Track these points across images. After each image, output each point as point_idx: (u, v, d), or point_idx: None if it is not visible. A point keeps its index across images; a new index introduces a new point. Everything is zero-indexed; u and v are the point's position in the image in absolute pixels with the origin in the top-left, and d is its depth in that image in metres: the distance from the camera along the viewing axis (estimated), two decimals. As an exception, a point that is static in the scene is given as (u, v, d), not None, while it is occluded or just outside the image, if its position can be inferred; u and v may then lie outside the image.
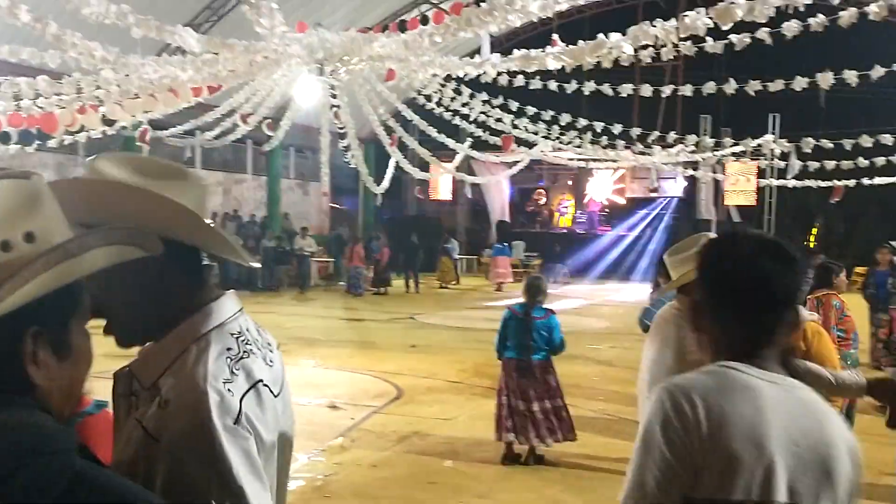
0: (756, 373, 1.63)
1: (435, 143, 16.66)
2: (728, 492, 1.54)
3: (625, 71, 8.86)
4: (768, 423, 1.57)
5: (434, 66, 8.45)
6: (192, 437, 1.33)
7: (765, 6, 4.91)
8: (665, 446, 1.57)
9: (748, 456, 1.54)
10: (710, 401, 1.58)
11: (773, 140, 15.75)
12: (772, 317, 1.68)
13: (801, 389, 1.67)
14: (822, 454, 1.58)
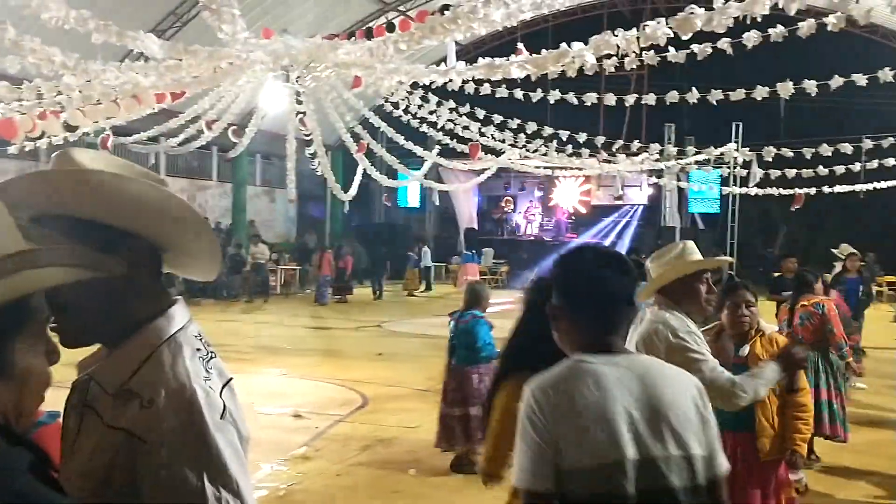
0: (601, 360, 1.99)
1: (403, 151, 16.68)
2: (585, 459, 1.88)
3: (590, 80, 8.94)
4: (612, 399, 1.92)
5: (400, 73, 8.45)
6: (186, 433, 1.36)
7: (723, 16, 4.98)
8: (532, 432, 1.93)
9: (597, 428, 1.89)
10: (561, 389, 1.95)
11: (736, 149, 15.99)
12: (613, 315, 2.07)
13: (641, 362, 2.08)
14: (659, 409, 1.94)
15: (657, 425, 1.93)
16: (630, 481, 1.88)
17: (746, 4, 4.85)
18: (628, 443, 1.89)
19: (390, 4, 21.83)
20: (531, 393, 1.99)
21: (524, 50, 7.35)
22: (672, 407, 1.96)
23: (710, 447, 2.00)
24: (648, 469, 1.89)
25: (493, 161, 17.09)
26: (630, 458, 1.88)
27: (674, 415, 1.95)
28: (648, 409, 1.94)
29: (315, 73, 10.52)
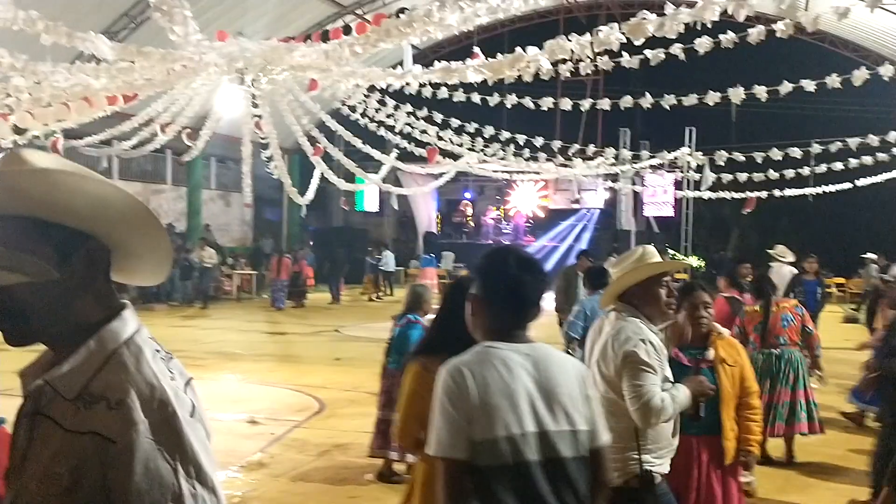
0: (508, 346, 2.33)
1: (361, 155, 16.61)
2: (494, 431, 2.20)
3: (547, 85, 9.01)
4: (517, 380, 2.26)
5: (356, 76, 8.41)
6: (161, 432, 1.36)
7: (675, 22, 5.05)
8: (449, 407, 2.23)
9: (504, 405, 2.22)
10: (475, 371, 2.26)
11: (689, 153, 16.23)
12: (523, 311, 2.40)
13: (539, 349, 2.38)
14: (552, 389, 2.29)
15: (551, 404, 2.29)
16: (531, 451, 2.23)
17: (697, 10, 4.93)
18: (529, 418, 2.25)
19: (347, 8, 21.75)
20: (448, 373, 2.29)
21: (480, 54, 7.37)
22: (562, 388, 2.32)
23: (593, 422, 2.38)
24: (545, 441, 2.26)
25: (451, 165, 17.11)
26: (530, 431, 2.24)
27: (563, 395, 2.32)
28: (544, 389, 2.30)
29: (271, 76, 10.44)
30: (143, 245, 1.53)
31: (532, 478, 2.23)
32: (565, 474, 2.28)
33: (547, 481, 2.25)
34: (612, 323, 3.44)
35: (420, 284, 7.28)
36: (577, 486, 2.29)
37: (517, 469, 2.22)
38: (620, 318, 3.40)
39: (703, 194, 17.80)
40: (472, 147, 14.75)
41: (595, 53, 6.26)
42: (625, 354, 3.24)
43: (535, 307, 2.42)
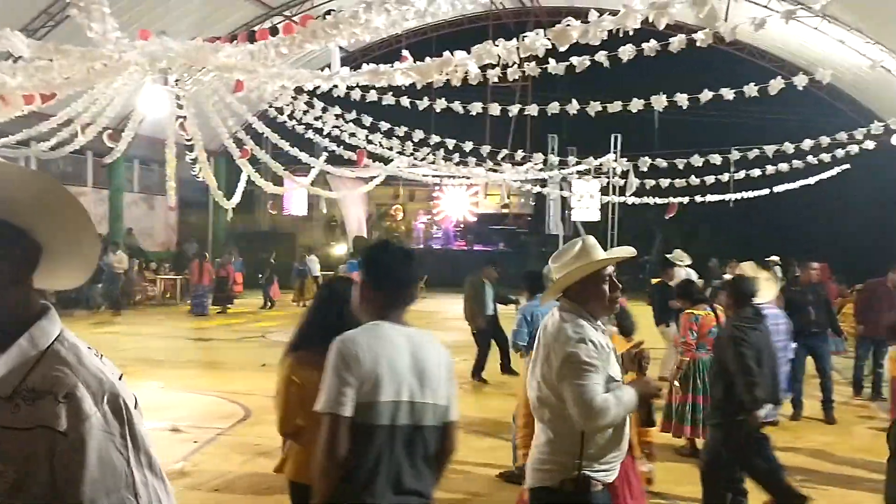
0: (392, 326, 2.78)
1: (289, 158, 16.43)
2: (377, 395, 2.64)
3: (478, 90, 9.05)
4: (398, 355, 2.71)
5: (283, 77, 8.30)
6: (113, 422, 1.40)
7: (598, 29, 5.14)
8: (343, 370, 2.62)
9: (388, 374, 2.66)
10: (367, 342, 2.69)
11: (615, 159, 16.54)
12: (400, 295, 2.85)
13: (414, 331, 2.83)
14: (423, 367, 2.75)
15: (422, 379, 2.74)
16: (404, 416, 2.68)
17: (619, 18, 5.02)
18: (406, 389, 2.70)
19: (275, 9, 21.52)
20: (343, 342, 2.70)
21: (410, 57, 7.37)
22: (431, 368, 2.78)
23: (450, 400, 2.86)
24: (414, 409, 2.71)
25: (381, 169, 17.06)
26: (405, 399, 2.69)
27: (432, 374, 2.77)
28: (418, 367, 2.74)
29: (196, 77, 10.23)
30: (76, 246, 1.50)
31: (398, 438, 2.69)
32: (423, 439, 2.76)
33: (408, 443, 2.72)
34: (554, 323, 3.34)
35: None
36: (429, 449, 2.79)
37: (390, 429, 2.68)
38: (561, 317, 3.32)
39: (627, 200, 18.17)
40: (401, 151, 14.73)
41: (522, 59, 6.32)
42: (565, 356, 3.17)
43: (409, 291, 2.90)
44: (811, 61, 20.24)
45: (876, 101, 22.92)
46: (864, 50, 19.16)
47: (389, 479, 2.69)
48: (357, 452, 2.65)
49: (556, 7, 23.03)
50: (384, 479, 2.67)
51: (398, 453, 2.70)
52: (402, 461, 2.71)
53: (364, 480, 2.66)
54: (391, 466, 2.69)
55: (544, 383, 3.29)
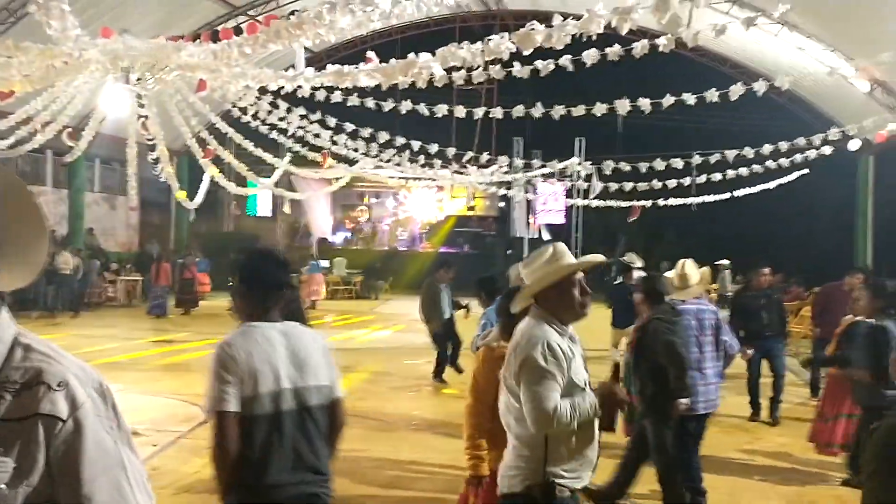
0: (265, 325, 3.09)
1: (253, 158, 16.30)
2: (258, 388, 2.95)
3: (444, 92, 9.06)
4: (274, 349, 3.02)
5: (247, 77, 8.25)
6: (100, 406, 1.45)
7: (562, 33, 5.18)
8: (223, 372, 2.94)
9: (265, 369, 2.98)
10: (241, 344, 3.00)
11: (579, 162, 16.68)
12: (270, 296, 3.13)
13: (289, 327, 3.15)
14: (301, 356, 3.07)
15: (301, 367, 3.07)
16: (287, 402, 3.00)
17: (583, 23, 5.07)
18: (285, 378, 3.02)
19: (239, 8, 21.35)
20: (220, 347, 3.01)
21: (375, 59, 7.36)
22: (309, 355, 3.12)
23: (332, 380, 3.18)
24: (297, 394, 3.03)
25: (345, 170, 17.01)
26: (287, 387, 3.01)
27: (310, 360, 3.11)
28: (295, 356, 3.07)
29: (158, 76, 10.11)
30: (29, 245, 1.48)
31: (287, 421, 3.02)
32: (312, 417, 3.09)
33: (298, 423, 3.04)
34: (520, 328, 3.38)
35: None
36: (320, 425, 3.11)
37: (276, 416, 2.99)
38: (528, 322, 3.36)
39: (591, 203, 18.32)
40: (366, 152, 14.70)
41: (486, 62, 6.35)
42: (522, 360, 3.21)
43: (278, 292, 3.17)
44: (772, 68, 20.57)
45: (834, 108, 23.35)
46: (823, 57, 19.52)
47: (287, 459, 3.00)
48: (251, 441, 2.96)
49: (522, 11, 23.15)
50: (281, 460, 2.99)
51: (291, 435, 3.02)
52: (298, 441, 3.04)
53: (262, 464, 2.97)
54: (287, 448, 3.01)
55: (507, 389, 3.32)
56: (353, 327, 18.67)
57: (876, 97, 20.01)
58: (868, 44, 16.06)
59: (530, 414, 3.16)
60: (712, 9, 18.25)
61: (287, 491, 3.00)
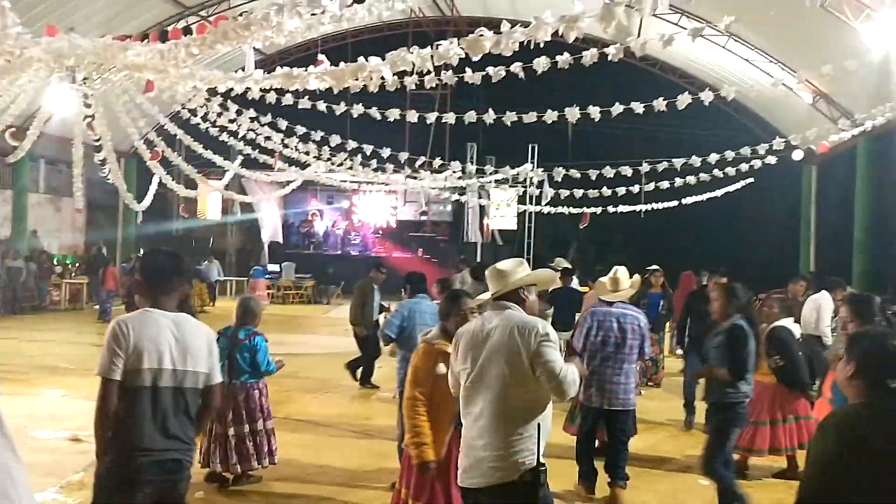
0: (158, 312, 3.64)
1: (203, 160, 16.09)
2: (141, 364, 3.49)
3: (400, 96, 9.10)
4: (161, 333, 3.57)
5: (195, 78, 8.13)
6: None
7: (510, 40, 5.22)
8: (114, 345, 3.50)
9: (151, 348, 3.52)
10: (133, 324, 3.56)
11: (531, 169, 16.79)
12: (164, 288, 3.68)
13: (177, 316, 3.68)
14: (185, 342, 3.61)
15: (183, 352, 3.59)
16: (165, 380, 3.52)
17: (531, 30, 5.12)
18: (167, 359, 3.55)
19: (190, 8, 21.06)
20: (115, 323, 3.57)
21: (326, 61, 7.32)
22: (192, 343, 3.64)
23: (210, 368, 3.72)
24: (175, 375, 3.55)
25: (297, 173, 16.89)
26: (167, 367, 3.53)
27: (193, 348, 3.63)
28: (180, 342, 3.59)
29: (105, 76, 9.92)
30: None
31: (162, 396, 3.53)
32: (185, 397, 3.61)
33: (172, 400, 3.56)
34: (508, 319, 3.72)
35: (251, 297, 7.18)
36: (190, 405, 3.65)
37: (154, 390, 3.51)
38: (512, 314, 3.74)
39: (543, 209, 18.45)
40: (318, 156, 14.61)
41: (437, 67, 6.36)
42: (543, 336, 3.61)
43: (170, 284, 3.71)
44: (719, 78, 21.00)
45: (779, 119, 23.91)
46: (768, 68, 19.99)
47: (157, 427, 3.51)
48: (130, 409, 3.49)
49: (475, 17, 23.25)
50: (152, 427, 3.50)
51: (164, 408, 3.54)
52: (169, 415, 3.54)
53: (136, 430, 3.48)
54: (159, 419, 3.52)
55: (511, 375, 3.60)
56: (304, 332, 18.54)
57: (819, 108, 20.55)
58: (811, 56, 16.49)
59: (565, 379, 3.56)
60: (663, 19, 18.58)
61: (155, 455, 3.51)
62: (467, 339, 3.81)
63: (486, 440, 3.59)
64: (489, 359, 3.66)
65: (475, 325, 3.84)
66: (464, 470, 3.71)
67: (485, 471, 3.57)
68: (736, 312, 5.66)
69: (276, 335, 17.38)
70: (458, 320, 4.37)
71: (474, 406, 3.69)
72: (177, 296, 3.75)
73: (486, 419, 3.61)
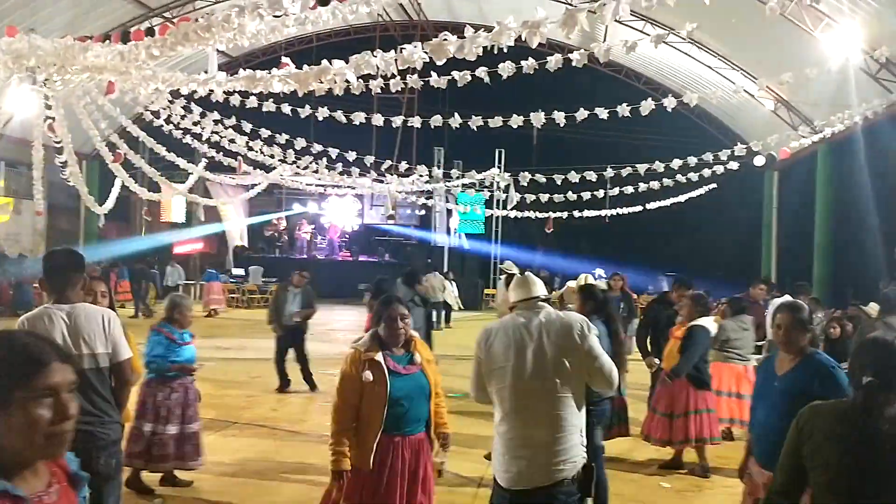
0: (56, 307, 4.00)
1: (166, 163, 15.91)
2: None
3: (365, 100, 9.04)
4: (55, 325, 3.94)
5: (157, 80, 8.04)
6: None
7: (474, 45, 5.24)
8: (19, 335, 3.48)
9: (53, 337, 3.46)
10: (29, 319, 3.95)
11: (497, 173, 16.85)
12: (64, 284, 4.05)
13: (79, 309, 4.03)
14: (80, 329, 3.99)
15: (76, 337, 3.96)
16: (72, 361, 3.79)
17: (494, 35, 5.14)
18: (70, 343, 3.88)
19: (155, 10, 20.87)
20: (23, 320, 3.93)
21: (291, 64, 7.28)
22: (86, 326, 4.01)
23: (112, 348, 4.08)
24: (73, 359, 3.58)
25: (262, 176, 16.77)
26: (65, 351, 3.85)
27: (85, 331, 3.99)
28: (72, 329, 3.97)
29: (66, 77, 9.78)
30: None
31: None
32: (88, 380, 3.93)
33: None
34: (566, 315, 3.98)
35: (178, 294, 7.25)
36: (97, 387, 4.00)
37: None
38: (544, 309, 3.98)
39: (509, 213, 18.51)
40: (283, 159, 14.52)
41: (402, 71, 6.36)
42: (589, 331, 3.85)
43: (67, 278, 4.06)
44: (683, 85, 21.29)
45: (741, 125, 24.27)
46: (730, 75, 20.29)
47: None
48: None
49: (442, 21, 23.32)
50: None
51: None
52: None
53: None
54: None
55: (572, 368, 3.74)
56: (267, 337, 18.35)
57: (780, 115, 20.90)
58: (771, 64, 16.76)
59: (613, 370, 3.87)
60: (627, 26, 18.78)
61: None
62: (503, 337, 3.90)
63: (549, 437, 3.67)
64: (542, 355, 3.76)
65: (509, 323, 3.93)
66: (518, 472, 3.70)
67: (550, 470, 3.64)
68: (592, 313, 5.76)
69: (238, 339, 17.33)
70: (389, 325, 4.33)
71: (524, 403, 3.76)
72: (78, 288, 4.10)
73: (545, 416, 3.70)
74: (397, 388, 4.19)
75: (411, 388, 4.25)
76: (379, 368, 4.22)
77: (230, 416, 9.32)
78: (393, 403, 4.17)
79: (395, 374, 4.23)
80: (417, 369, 4.32)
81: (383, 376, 4.19)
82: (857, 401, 2.63)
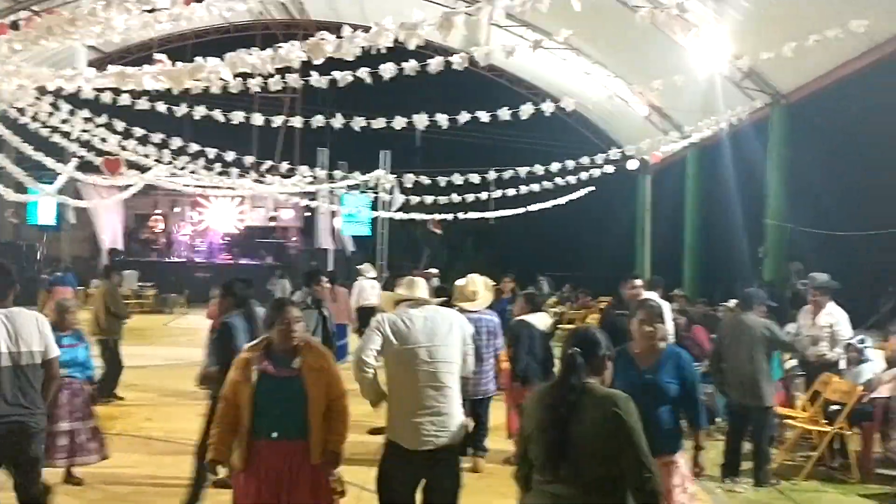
0: None
1: (34, 163, 15.10)
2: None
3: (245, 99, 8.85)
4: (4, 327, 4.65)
5: (20, 75, 7.61)
6: None
7: (351, 45, 5.21)
8: None
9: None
10: None
11: (382, 175, 16.84)
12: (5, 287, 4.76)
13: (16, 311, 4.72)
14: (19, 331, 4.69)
15: (17, 338, 4.60)
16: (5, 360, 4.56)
17: (371, 35, 5.13)
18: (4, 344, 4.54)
19: (22, 3, 19.78)
20: None
21: (167, 61, 7.03)
22: (24, 330, 4.64)
23: (43, 347, 4.73)
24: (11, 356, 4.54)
25: (137, 177, 16.15)
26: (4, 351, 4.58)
27: (23, 331, 4.63)
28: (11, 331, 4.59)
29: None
30: None
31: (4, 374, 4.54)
32: (25, 374, 4.62)
33: (13, 377, 4.58)
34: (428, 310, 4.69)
35: (65, 299, 7.03)
36: (32, 381, 4.64)
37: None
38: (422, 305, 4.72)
39: (394, 215, 18.53)
40: (158, 159, 14.01)
41: (280, 70, 6.25)
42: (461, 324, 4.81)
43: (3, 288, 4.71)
44: (561, 90, 21.85)
45: (617, 130, 25.17)
46: (606, 82, 21.00)
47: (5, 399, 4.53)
48: None
49: (324, 21, 23.11)
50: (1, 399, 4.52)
51: (8, 383, 4.56)
52: (13, 388, 4.57)
53: None
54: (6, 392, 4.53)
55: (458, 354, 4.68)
56: (144, 343, 17.73)
57: (652, 121, 21.78)
58: (643, 71, 17.45)
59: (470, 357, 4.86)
60: (507, 31, 19.13)
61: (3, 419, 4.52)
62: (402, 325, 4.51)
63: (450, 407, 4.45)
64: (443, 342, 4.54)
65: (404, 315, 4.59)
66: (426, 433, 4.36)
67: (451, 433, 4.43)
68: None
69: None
70: (281, 329, 4.23)
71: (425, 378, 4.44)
72: (11, 295, 4.72)
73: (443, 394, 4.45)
74: (263, 390, 4.13)
75: (281, 391, 4.14)
76: (248, 368, 4.17)
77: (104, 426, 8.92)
78: (260, 405, 4.11)
79: (267, 377, 4.15)
80: (294, 374, 4.18)
81: (250, 376, 4.15)
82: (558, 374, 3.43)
